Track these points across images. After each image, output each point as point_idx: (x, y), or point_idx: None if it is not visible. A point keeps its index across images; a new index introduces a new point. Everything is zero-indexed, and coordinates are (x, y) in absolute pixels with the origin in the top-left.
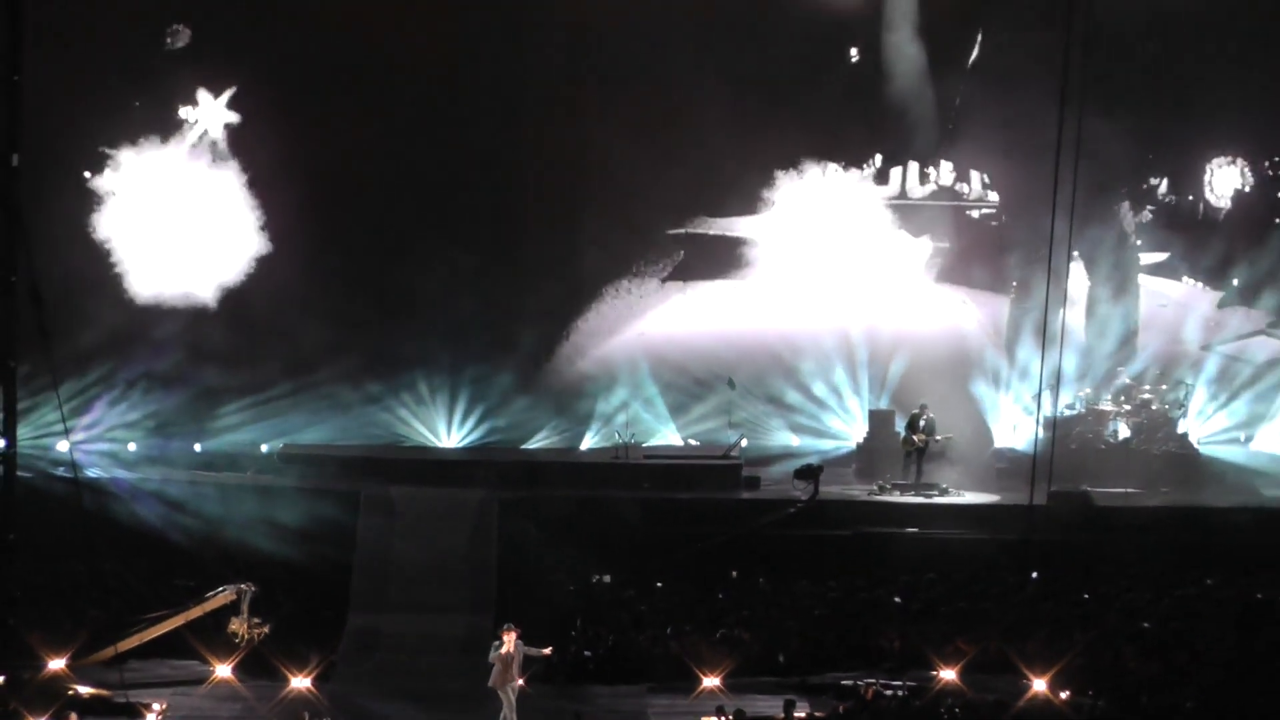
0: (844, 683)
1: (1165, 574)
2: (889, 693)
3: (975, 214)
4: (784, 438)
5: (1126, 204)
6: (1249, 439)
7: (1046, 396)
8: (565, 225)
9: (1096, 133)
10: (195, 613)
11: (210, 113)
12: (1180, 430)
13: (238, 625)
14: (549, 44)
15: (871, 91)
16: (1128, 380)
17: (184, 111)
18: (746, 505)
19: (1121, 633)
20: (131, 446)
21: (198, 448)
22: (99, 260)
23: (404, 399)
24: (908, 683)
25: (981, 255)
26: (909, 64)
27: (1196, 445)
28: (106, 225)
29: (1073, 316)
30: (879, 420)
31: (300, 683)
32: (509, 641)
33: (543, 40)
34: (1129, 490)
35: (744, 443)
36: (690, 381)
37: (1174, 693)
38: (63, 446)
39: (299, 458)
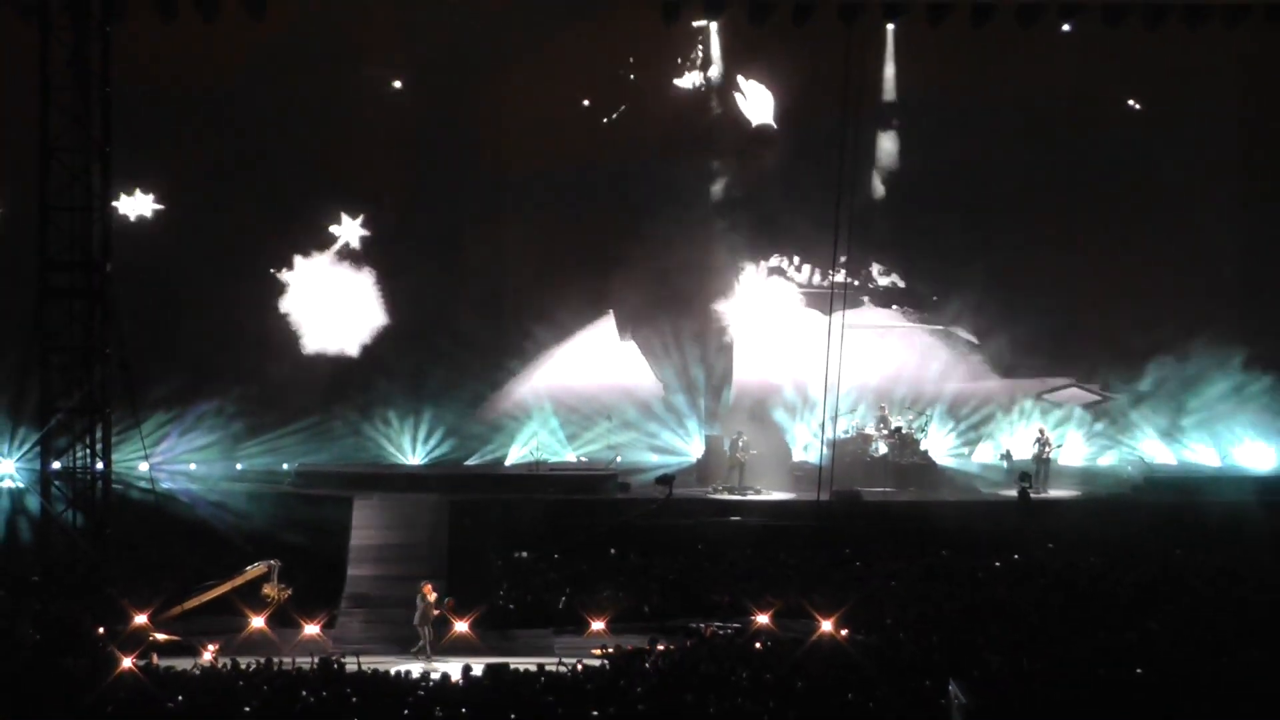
0: (690, 626)
1: (913, 549)
2: (722, 632)
3: None
4: (645, 455)
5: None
6: (970, 452)
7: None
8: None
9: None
10: (238, 581)
11: (350, 230)
12: (922, 448)
13: (269, 590)
14: None
15: None
16: (885, 411)
17: (333, 229)
18: (621, 503)
19: (884, 589)
20: (192, 466)
21: (239, 466)
22: (284, 327)
23: (382, 431)
24: (735, 625)
25: None
26: None
27: (933, 457)
28: (286, 304)
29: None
30: (712, 442)
31: (312, 629)
32: (429, 593)
33: None
34: (887, 490)
35: (619, 459)
36: (580, 417)
37: (922, 633)
38: (143, 467)
39: (310, 473)
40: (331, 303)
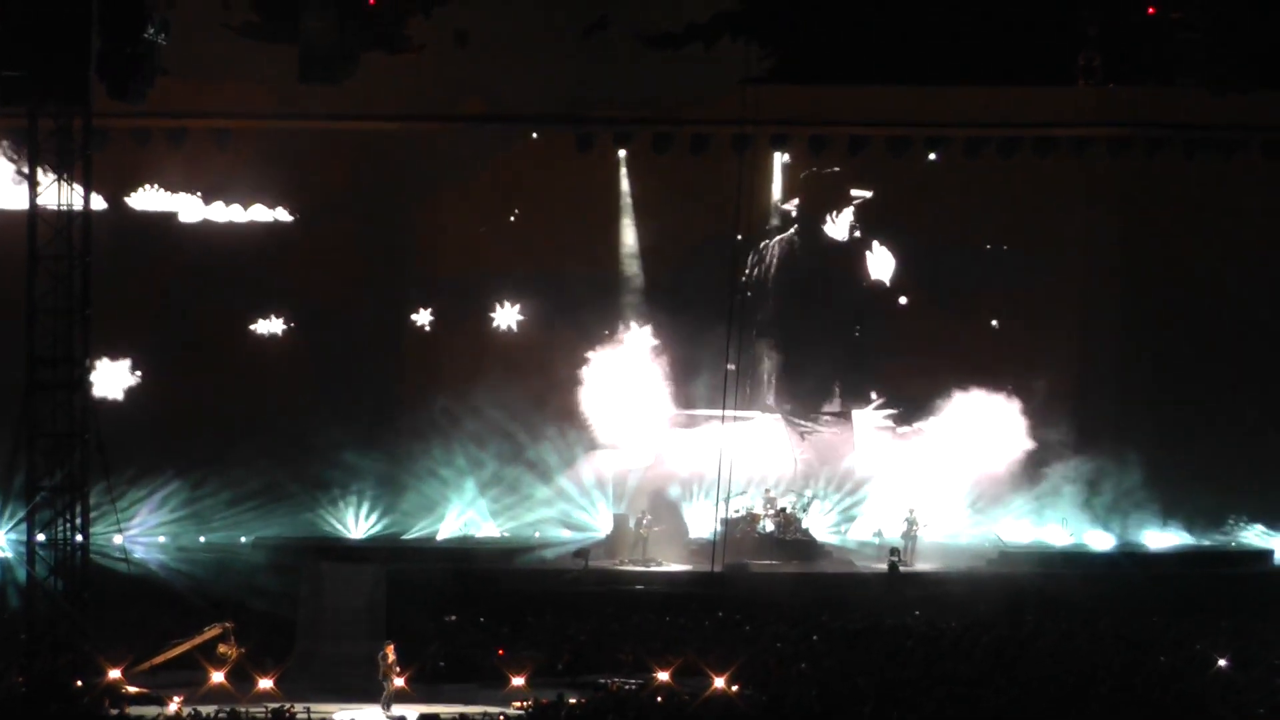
0: (599, 681)
1: (796, 613)
2: (626, 687)
3: None
4: (558, 532)
5: None
6: (846, 530)
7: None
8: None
9: None
10: (197, 640)
11: (637, 338)
12: (804, 526)
13: (225, 648)
14: None
15: None
16: (771, 494)
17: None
18: (540, 573)
19: (769, 650)
20: (161, 539)
21: (202, 539)
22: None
23: (329, 508)
24: (637, 681)
25: None
26: None
27: (813, 534)
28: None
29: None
30: (619, 520)
31: (265, 683)
32: (390, 653)
33: None
34: (773, 563)
35: (537, 535)
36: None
37: (803, 688)
38: (118, 539)
39: (264, 545)
40: None
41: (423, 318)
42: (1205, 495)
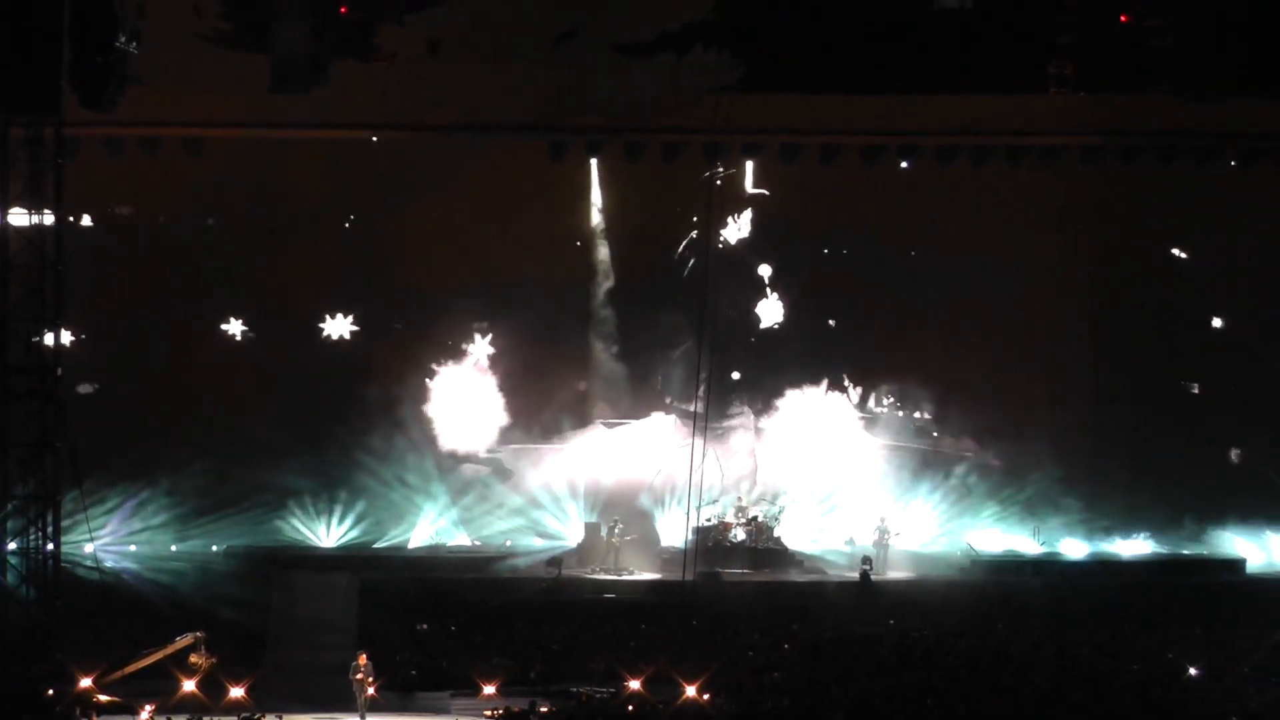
0: (571, 690)
1: (767, 622)
2: (598, 696)
3: None
4: (531, 540)
5: None
6: (816, 539)
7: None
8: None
9: None
10: (169, 650)
11: (480, 346)
12: (776, 534)
13: (196, 658)
14: None
15: None
16: (743, 503)
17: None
18: (512, 581)
19: (741, 659)
20: (132, 548)
21: (173, 548)
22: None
23: (299, 517)
24: (609, 690)
25: None
26: None
27: (785, 543)
28: (431, 410)
29: None
30: (590, 528)
31: (237, 692)
32: (362, 662)
33: None
34: (745, 571)
35: (509, 543)
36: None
37: (775, 696)
38: (89, 548)
39: (236, 554)
40: None
41: (386, 327)
42: (1176, 502)
